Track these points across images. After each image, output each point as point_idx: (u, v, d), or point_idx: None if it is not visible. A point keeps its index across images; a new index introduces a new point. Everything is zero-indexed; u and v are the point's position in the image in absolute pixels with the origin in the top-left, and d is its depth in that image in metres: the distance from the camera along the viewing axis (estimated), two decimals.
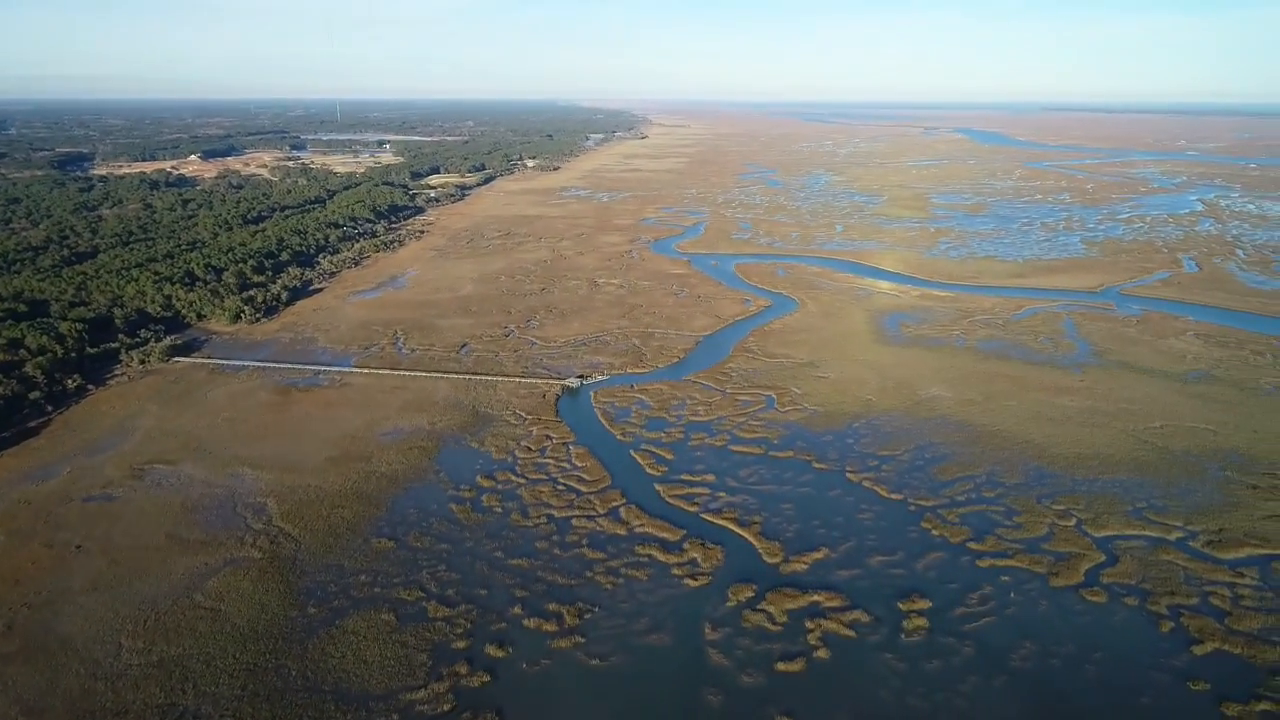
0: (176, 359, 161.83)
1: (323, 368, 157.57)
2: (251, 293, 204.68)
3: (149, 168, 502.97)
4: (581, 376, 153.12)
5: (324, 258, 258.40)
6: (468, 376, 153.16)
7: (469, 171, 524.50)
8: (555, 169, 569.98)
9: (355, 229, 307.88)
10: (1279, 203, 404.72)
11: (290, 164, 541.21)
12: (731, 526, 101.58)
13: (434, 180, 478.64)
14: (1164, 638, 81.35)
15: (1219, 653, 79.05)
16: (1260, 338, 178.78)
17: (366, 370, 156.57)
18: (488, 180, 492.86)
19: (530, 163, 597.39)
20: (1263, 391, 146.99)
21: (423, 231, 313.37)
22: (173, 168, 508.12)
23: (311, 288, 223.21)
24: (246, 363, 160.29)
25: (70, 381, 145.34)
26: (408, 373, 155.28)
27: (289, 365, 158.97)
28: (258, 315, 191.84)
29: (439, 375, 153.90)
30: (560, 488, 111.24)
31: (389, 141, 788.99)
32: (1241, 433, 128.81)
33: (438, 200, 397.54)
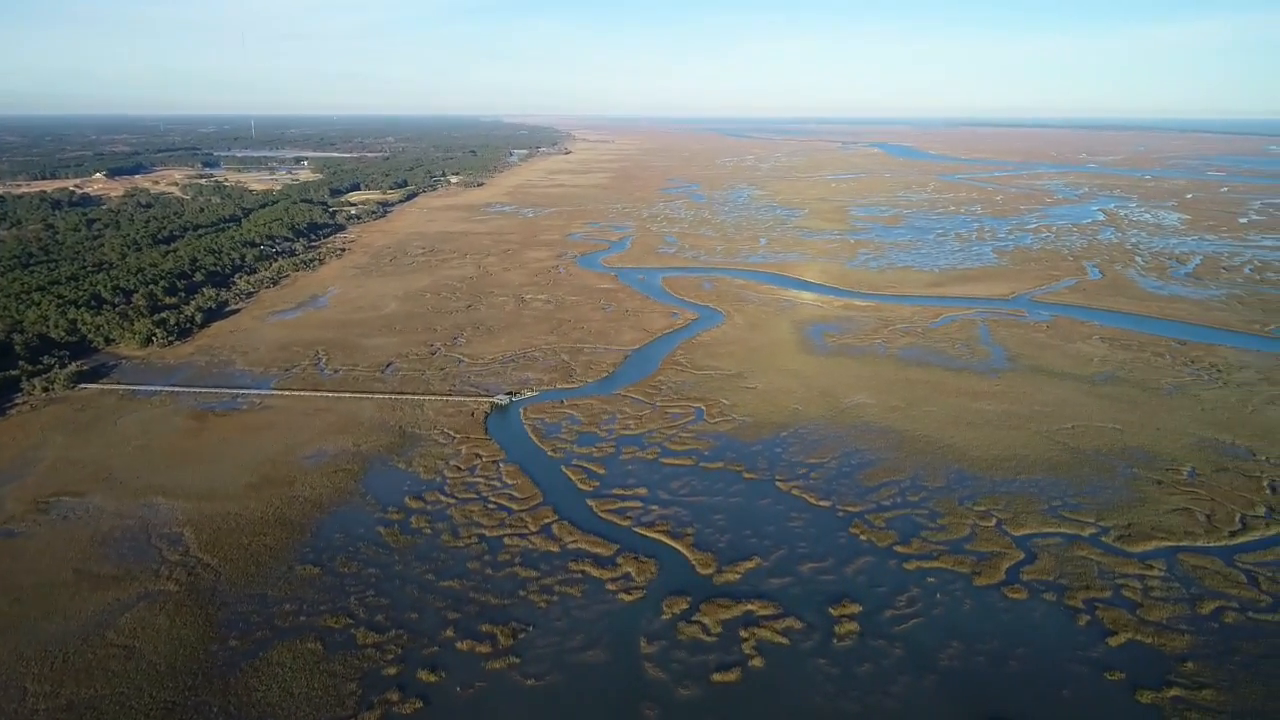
0: (83, 386, 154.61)
1: (241, 391, 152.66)
2: (163, 315, 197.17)
3: (50, 186, 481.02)
4: (510, 393, 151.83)
5: (240, 278, 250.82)
6: (393, 396, 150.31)
7: (391, 188, 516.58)
8: (479, 185, 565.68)
9: (273, 248, 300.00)
10: (1172, 212, 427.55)
11: (203, 182, 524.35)
12: (664, 539, 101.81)
13: (355, 197, 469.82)
14: (1081, 631, 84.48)
15: (1132, 643, 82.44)
16: (1159, 339, 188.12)
17: (288, 392, 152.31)
18: (410, 197, 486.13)
19: (454, 179, 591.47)
20: (1163, 391, 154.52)
21: (344, 249, 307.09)
22: (76, 186, 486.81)
23: (228, 309, 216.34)
24: (159, 388, 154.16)
25: None
26: (331, 394, 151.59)
27: (205, 389, 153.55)
28: (170, 338, 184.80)
29: (364, 396, 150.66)
30: (491, 506, 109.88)
31: (307, 158, 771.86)
32: (1146, 431, 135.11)
33: (359, 217, 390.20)
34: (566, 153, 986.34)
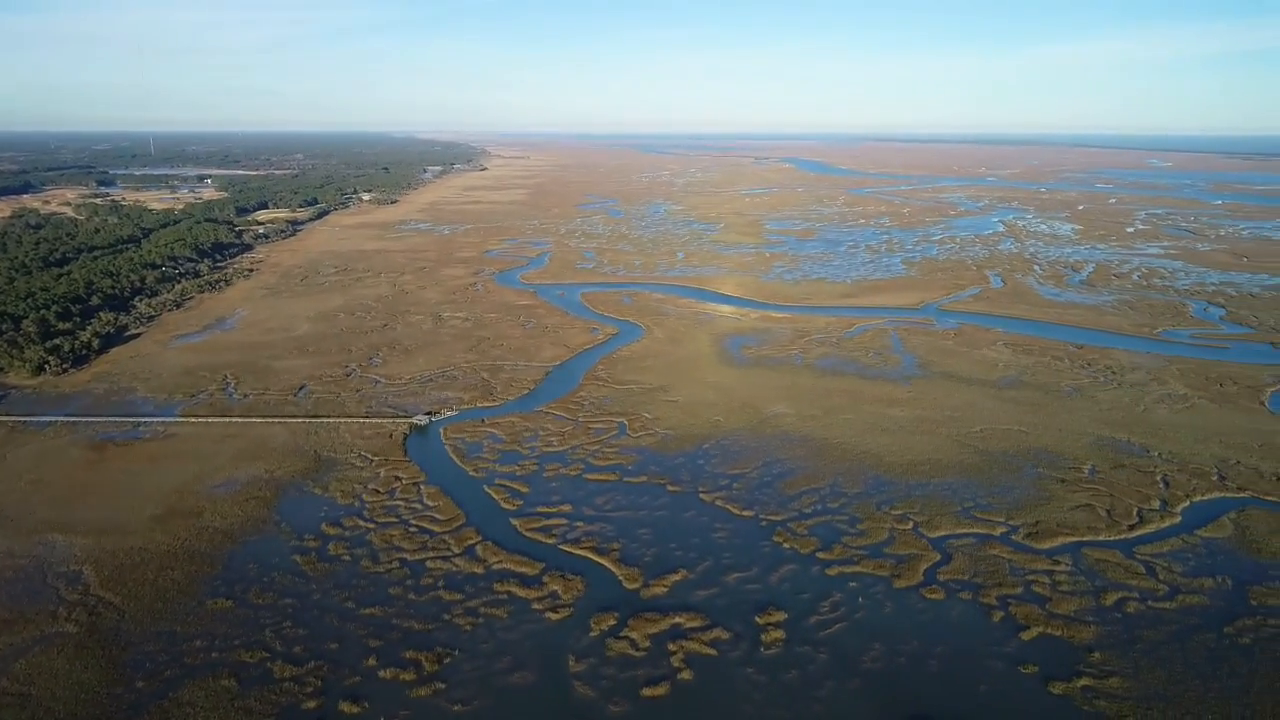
0: None
1: (143, 419, 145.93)
2: (57, 341, 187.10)
3: None
4: (430, 413, 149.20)
5: (141, 301, 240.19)
6: (307, 420, 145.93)
7: (300, 206, 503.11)
8: (393, 202, 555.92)
9: (176, 269, 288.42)
10: (1066, 223, 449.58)
11: (98, 201, 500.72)
12: (590, 555, 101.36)
13: (262, 216, 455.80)
14: (996, 627, 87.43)
15: (1043, 636, 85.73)
16: (1058, 344, 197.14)
17: (194, 419, 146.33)
18: (321, 215, 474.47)
19: (366, 196, 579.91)
20: (1063, 393, 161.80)
21: (252, 270, 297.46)
22: None
23: (128, 334, 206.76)
24: (53, 418, 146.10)
25: None
26: (241, 419, 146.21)
27: (104, 419, 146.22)
28: (65, 366, 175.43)
29: (275, 420, 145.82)
30: (412, 530, 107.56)
31: (211, 176, 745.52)
32: (1049, 432, 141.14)
33: (267, 237, 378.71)
34: (482, 169, 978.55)
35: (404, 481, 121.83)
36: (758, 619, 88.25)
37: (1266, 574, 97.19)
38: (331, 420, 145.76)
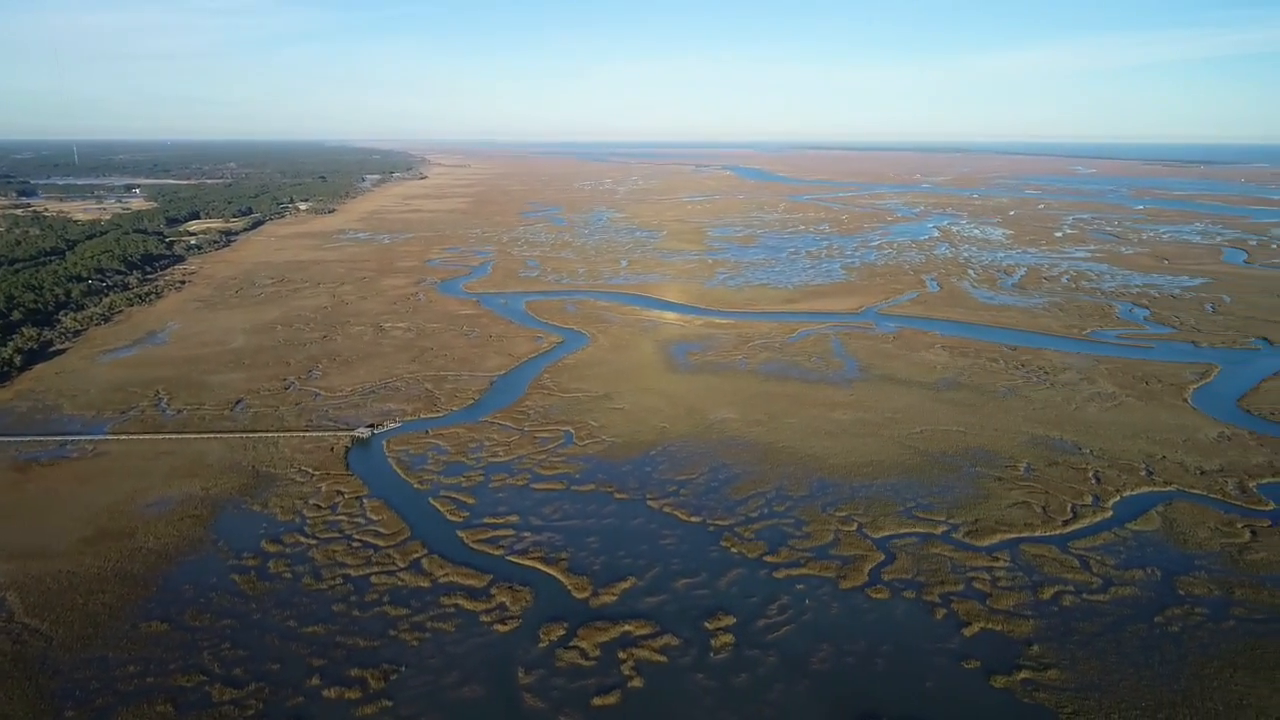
0: None
1: (70, 437, 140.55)
2: None
3: None
4: (372, 426, 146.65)
5: (66, 315, 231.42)
6: (245, 435, 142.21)
7: (234, 216, 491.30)
8: (331, 211, 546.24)
9: (103, 282, 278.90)
10: (998, 228, 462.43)
11: (19, 212, 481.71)
12: (539, 566, 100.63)
13: (194, 226, 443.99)
14: (939, 624, 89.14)
15: (985, 631, 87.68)
16: (993, 346, 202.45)
17: (125, 436, 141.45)
18: (256, 225, 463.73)
19: (303, 205, 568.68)
20: (998, 394, 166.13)
21: (184, 281, 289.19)
22: None
23: (52, 349, 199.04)
24: None
25: None
26: (174, 436, 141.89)
27: (27, 438, 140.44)
28: None
29: (211, 436, 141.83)
30: (356, 545, 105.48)
31: (139, 185, 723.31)
32: (985, 431, 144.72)
33: (200, 248, 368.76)
34: (422, 177, 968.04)
35: (346, 496, 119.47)
36: (707, 624, 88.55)
37: (1192, 564, 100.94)
38: (270, 435, 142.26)
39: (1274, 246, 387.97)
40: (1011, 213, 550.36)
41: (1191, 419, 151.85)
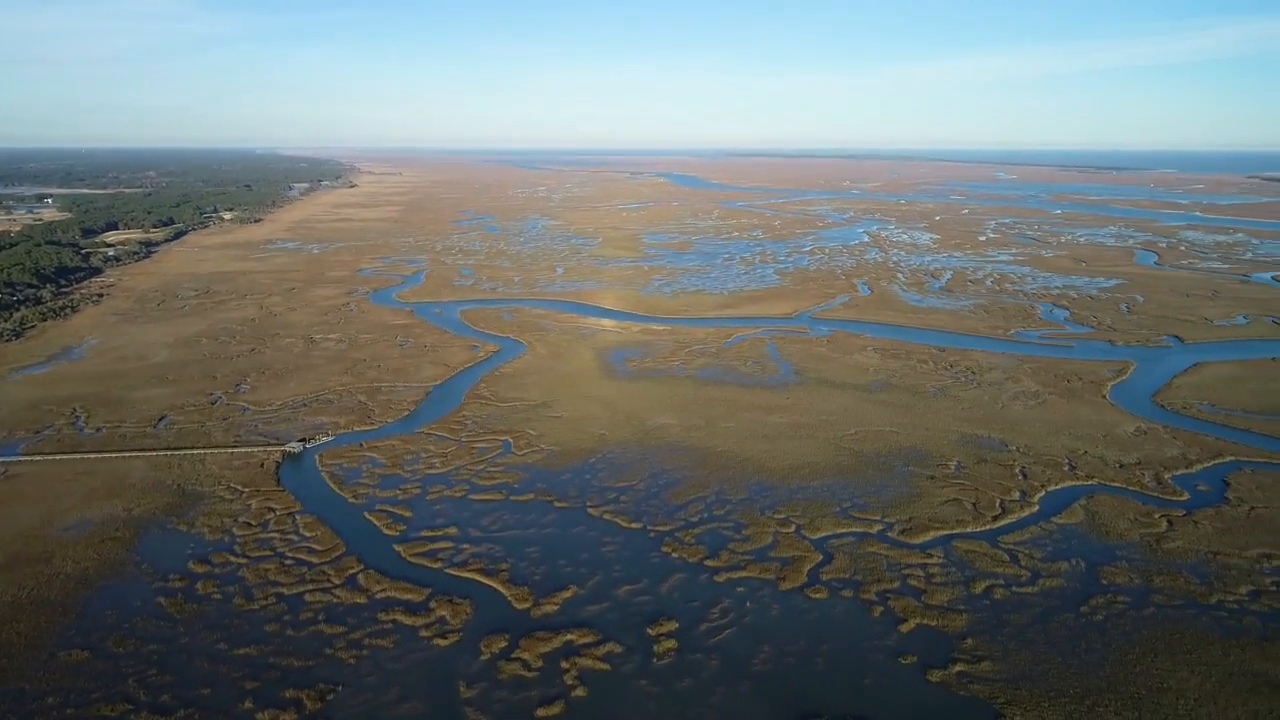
0: None
1: None
2: None
3: None
4: (304, 440, 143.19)
5: None
6: (169, 452, 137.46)
7: (155, 226, 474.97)
8: (257, 221, 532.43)
9: (13, 296, 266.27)
10: (925, 232, 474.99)
11: None
12: (478, 578, 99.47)
13: (112, 237, 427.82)
14: (876, 622, 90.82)
15: (920, 627, 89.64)
16: (922, 348, 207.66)
17: (39, 457, 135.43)
18: (179, 235, 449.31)
19: (228, 215, 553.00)
20: (928, 394, 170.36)
21: (101, 295, 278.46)
22: None
23: None
24: None
25: None
26: (94, 455, 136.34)
27: None
28: None
29: (133, 454, 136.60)
30: (289, 562, 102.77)
31: (51, 195, 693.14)
32: (917, 431, 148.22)
33: (118, 259, 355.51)
34: (352, 185, 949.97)
35: (278, 512, 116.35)
36: (649, 630, 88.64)
37: (1114, 555, 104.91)
38: (196, 452, 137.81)
39: (1182, 249, 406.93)
40: (937, 218, 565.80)
41: (1110, 415, 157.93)
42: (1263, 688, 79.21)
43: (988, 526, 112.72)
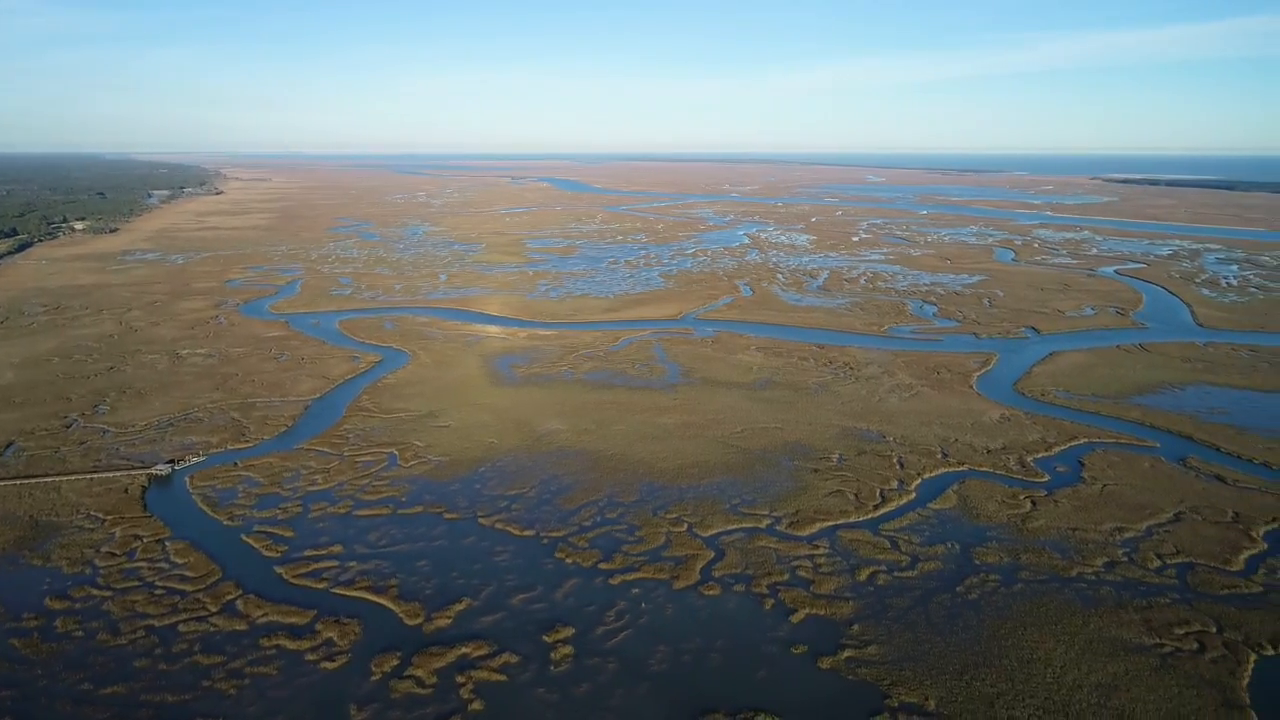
0: None
1: None
2: None
3: None
4: (172, 462, 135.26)
5: None
6: (19, 482, 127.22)
7: None
8: (113, 230, 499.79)
9: None
10: (802, 234, 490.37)
11: None
12: (367, 595, 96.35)
13: None
14: (768, 614, 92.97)
15: (810, 617, 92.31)
16: (803, 346, 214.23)
17: None
18: (23, 247, 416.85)
19: (79, 225, 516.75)
20: (810, 390, 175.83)
21: None
22: None
23: None
24: None
25: None
26: None
27: None
28: None
29: None
30: (159, 592, 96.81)
31: None
32: (800, 427, 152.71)
33: None
34: (218, 193, 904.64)
35: (145, 540, 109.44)
36: (546, 638, 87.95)
37: (985, 536, 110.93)
38: (50, 479, 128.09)
39: (1036, 245, 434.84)
40: (813, 219, 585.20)
41: (977, 404, 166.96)
42: (1119, 652, 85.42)
43: (870, 515, 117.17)
